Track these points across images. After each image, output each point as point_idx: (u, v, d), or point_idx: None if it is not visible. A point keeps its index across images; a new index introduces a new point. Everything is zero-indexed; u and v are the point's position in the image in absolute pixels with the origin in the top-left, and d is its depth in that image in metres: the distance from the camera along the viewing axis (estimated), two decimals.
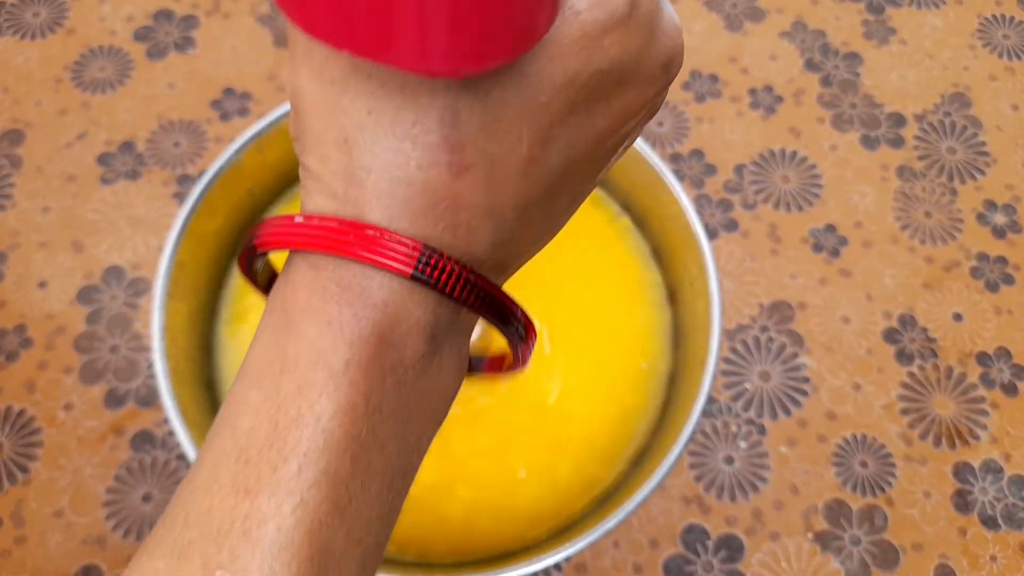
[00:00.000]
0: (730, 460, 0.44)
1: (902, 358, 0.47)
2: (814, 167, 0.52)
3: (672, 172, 0.41)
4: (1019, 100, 0.54)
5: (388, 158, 0.16)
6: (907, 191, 0.51)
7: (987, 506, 0.44)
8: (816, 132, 0.53)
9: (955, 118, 0.54)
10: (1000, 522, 0.43)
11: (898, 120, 0.53)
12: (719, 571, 0.42)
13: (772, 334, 0.47)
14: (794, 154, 0.52)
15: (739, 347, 0.47)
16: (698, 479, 0.44)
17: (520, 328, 0.19)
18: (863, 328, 0.47)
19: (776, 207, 0.50)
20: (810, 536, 0.43)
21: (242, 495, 0.16)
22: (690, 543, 0.43)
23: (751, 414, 0.45)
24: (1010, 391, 0.46)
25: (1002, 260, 0.49)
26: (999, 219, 0.50)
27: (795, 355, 0.47)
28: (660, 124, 0.52)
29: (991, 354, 0.47)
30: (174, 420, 0.35)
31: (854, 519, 0.43)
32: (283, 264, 0.18)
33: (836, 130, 0.53)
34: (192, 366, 0.40)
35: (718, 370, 0.46)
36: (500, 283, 0.19)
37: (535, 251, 0.20)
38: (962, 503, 0.44)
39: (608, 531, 0.34)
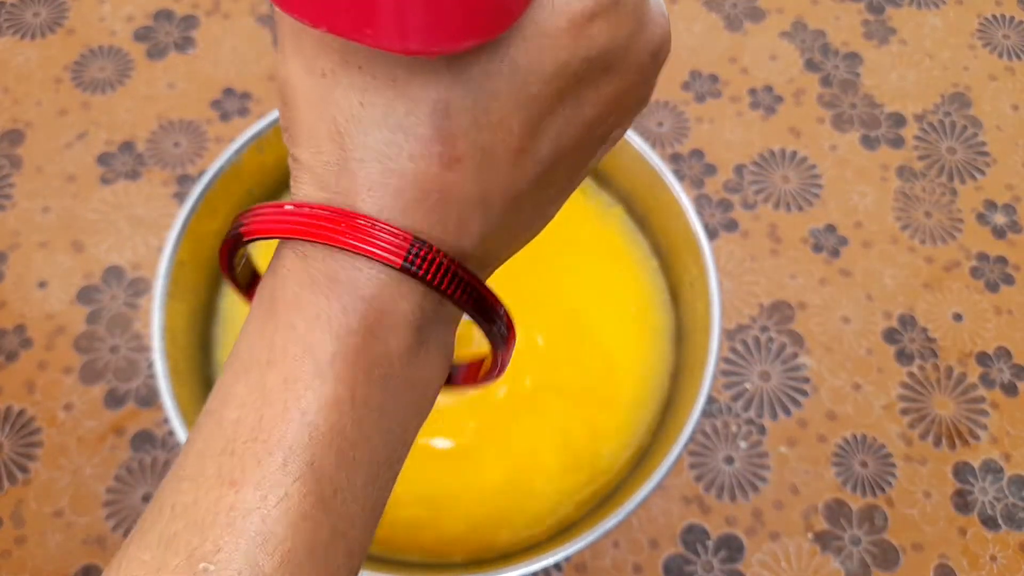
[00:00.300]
0: (730, 460, 0.44)
1: (902, 358, 0.47)
2: (814, 167, 0.52)
3: (672, 172, 0.41)
4: (1019, 100, 0.54)
5: (380, 149, 0.16)
6: (907, 191, 0.51)
7: (987, 506, 0.44)
8: (816, 132, 0.53)
9: (955, 118, 0.54)
10: (1000, 522, 0.43)
11: (898, 120, 0.53)
12: (719, 571, 0.42)
13: (772, 334, 0.47)
14: (794, 154, 0.52)
15: (739, 347, 0.47)
16: (698, 479, 0.44)
17: (502, 327, 0.19)
18: (863, 328, 0.47)
19: (776, 207, 0.50)
20: (810, 536, 0.43)
21: (227, 487, 0.16)
22: (690, 543, 0.42)
23: (751, 414, 0.45)
24: (1010, 391, 0.46)
25: (1002, 260, 0.49)
26: (999, 219, 0.50)
27: (795, 355, 0.47)
28: (660, 124, 0.52)
29: (991, 354, 0.47)
30: (174, 420, 0.35)
31: (854, 519, 0.43)
32: (266, 265, 0.18)
33: (836, 130, 0.53)
34: (192, 366, 0.40)
35: (718, 370, 0.46)
36: (484, 277, 0.19)
37: (522, 244, 0.20)
38: (962, 503, 0.44)
39: (608, 531, 0.34)
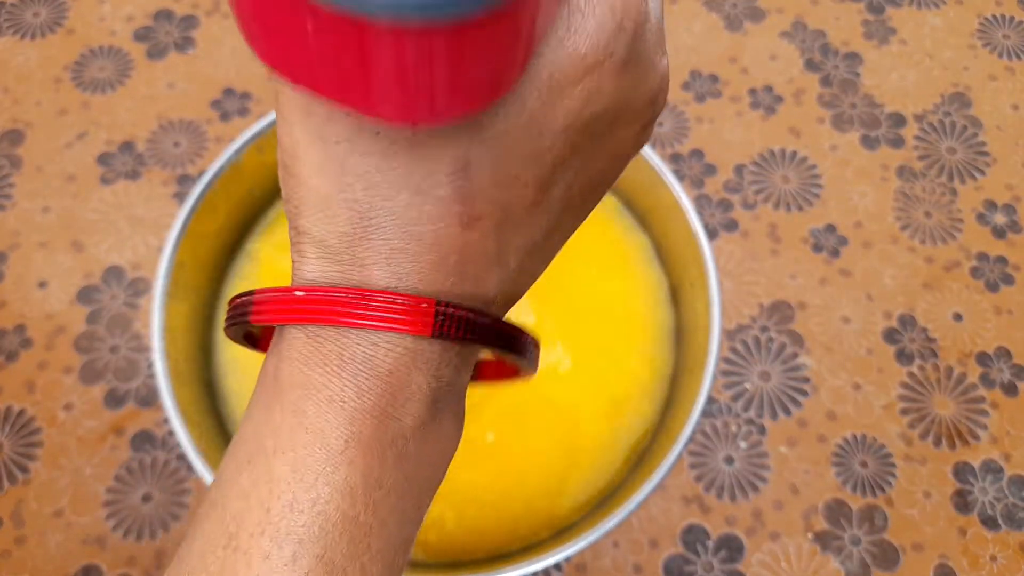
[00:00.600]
0: (730, 460, 0.44)
1: (902, 358, 0.47)
2: (814, 167, 0.52)
3: (672, 172, 0.41)
4: (1019, 100, 0.54)
5: (399, 213, 0.15)
6: (907, 191, 0.51)
7: (987, 506, 0.44)
8: (816, 132, 0.53)
9: (955, 118, 0.54)
10: (1000, 522, 0.43)
11: (898, 120, 0.53)
12: (719, 571, 0.42)
13: (772, 334, 0.47)
14: (794, 154, 0.52)
15: (739, 347, 0.47)
16: (698, 479, 0.44)
17: (532, 354, 0.19)
18: (863, 328, 0.47)
19: (776, 207, 0.50)
20: (810, 536, 0.43)
21: None
22: (690, 543, 0.42)
23: (751, 414, 0.45)
24: (1010, 391, 0.46)
25: (1002, 260, 0.49)
26: (999, 219, 0.50)
27: (795, 355, 0.47)
28: (660, 124, 0.52)
29: (991, 354, 0.47)
30: (174, 420, 0.35)
31: (854, 519, 0.43)
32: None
33: (836, 130, 0.53)
34: (192, 366, 0.40)
35: (718, 370, 0.46)
36: (504, 314, 0.19)
37: (534, 281, 0.20)
38: (962, 503, 0.44)
39: (608, 531, 0.34)
